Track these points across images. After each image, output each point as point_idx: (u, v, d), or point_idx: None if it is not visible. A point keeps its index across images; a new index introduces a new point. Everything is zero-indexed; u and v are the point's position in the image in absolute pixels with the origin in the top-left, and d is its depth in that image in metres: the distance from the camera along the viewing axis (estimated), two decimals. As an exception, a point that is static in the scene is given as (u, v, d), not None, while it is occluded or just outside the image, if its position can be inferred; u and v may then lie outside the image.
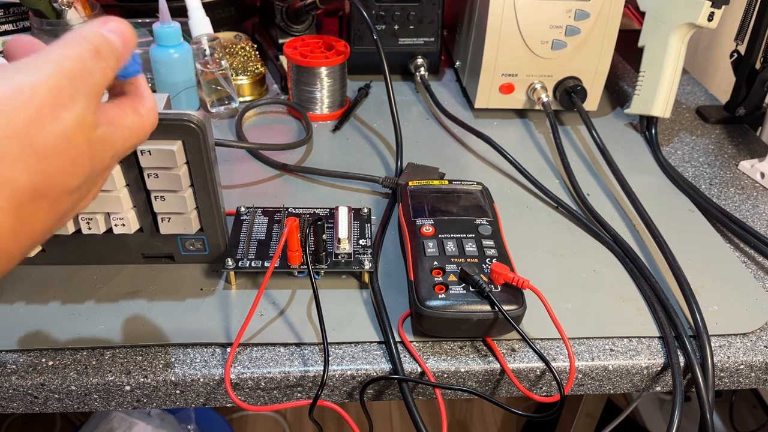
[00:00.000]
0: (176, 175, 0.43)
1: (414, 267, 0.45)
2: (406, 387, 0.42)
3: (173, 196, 0.44)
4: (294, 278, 0.49)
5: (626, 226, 0.57)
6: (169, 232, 0.47)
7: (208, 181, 0.45)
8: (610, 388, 0.46)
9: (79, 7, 0.72)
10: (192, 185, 0.45)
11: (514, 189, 0.61)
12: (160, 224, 0.46)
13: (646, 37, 0.67)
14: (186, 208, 0.45)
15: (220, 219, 0.47)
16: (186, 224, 0.46)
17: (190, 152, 0.43)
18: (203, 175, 0.44)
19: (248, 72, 0.73)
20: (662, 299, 0.48)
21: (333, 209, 0.52)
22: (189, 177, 0.44)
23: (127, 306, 0.46)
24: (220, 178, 0.47)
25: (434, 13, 0.75)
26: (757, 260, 0.54)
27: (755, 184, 0.64)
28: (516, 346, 0.44)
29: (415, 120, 0.72)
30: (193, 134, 0.42)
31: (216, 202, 0.46)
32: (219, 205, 0.47)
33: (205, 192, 0.45)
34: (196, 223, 0.47)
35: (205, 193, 0.45)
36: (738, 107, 0.73)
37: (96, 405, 0.43)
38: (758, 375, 0.46)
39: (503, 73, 0.70)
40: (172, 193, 0.44)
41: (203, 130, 0.42)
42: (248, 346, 0.44)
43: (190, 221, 0.46)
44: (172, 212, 0.46)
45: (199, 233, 0.48)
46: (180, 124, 0.41)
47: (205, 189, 0.45)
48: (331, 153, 0.66)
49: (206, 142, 0.43)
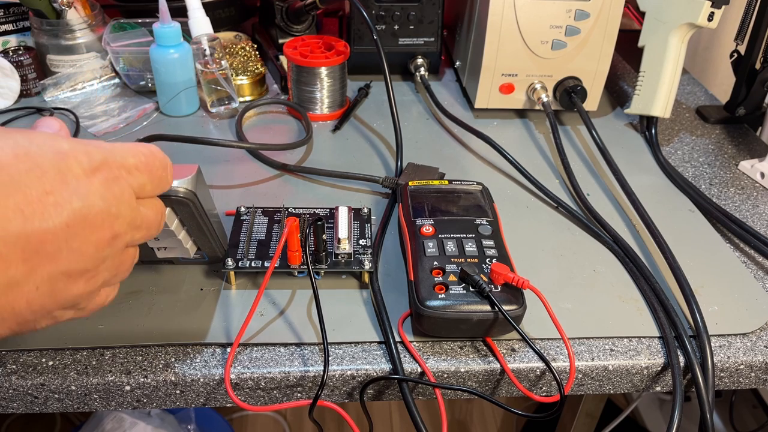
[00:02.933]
0: (169, 230, 0.42)
1: (414, 267, 0.45)
2: (406, 387, 0.42)
3: (168, 239, 0.44)
4: (294, 278, 0.49)
5: (626, 226, 0.57)
6: (166, 257, 0.46)
7: (202, 224, 0.43)
8: (610, 388, 0.46)
9: (79, 7, 0.72)
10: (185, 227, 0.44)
11: (514, 189, 0.61)
12: (156, 251, 0.46)
13: (646, 37, 0.67)
14: (181, 244, 0.44)
15: (217, 241, 0.46)
16: (183, 252, 0.45)
17: (181, 214, 0.42)
18: (197, 224, 0.43)
19: (248, 72, 0.73)
20: (662, 299, 0.48)
21: (333, 209, 0.52)
22: (182, 227, 0.43)
23: (127, 306, 0.46)
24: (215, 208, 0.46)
25: (434, 13, 0.75)
26: (757, 260, 0.54)
27: (755, 184, 0.64)
28: (516, 346, 0.44)
29: (415, 120, 0.72)
30: (182, 204, 0.40)
31: (211, 233, 0.45)
32: (215, 233, 0.46)
33: (199, 231, 0.44)
34: (193, 249, 0.46)
35: (199, 232, 0.44)
36: (738, 107, 0.73)
37: (96, 405, 0.43)
38: (758, 375, 0.46)
39: (503, 73, 0.70)
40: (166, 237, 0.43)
41: (193, 200, 0.40)
42: (248, 346, 0.44)
43: (187, 250, 0.45)
44: (167, 246, 0.45)
45: (197, 251, 0.47)
46: (167, 197, 0.39)
47: (200, 230, 0.44)
48: (331, 153, 0.66)
49: (197, 206, 0.41)
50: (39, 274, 0.26)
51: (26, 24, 0.74)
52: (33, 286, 0.26)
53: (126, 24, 0.74)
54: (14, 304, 0.26)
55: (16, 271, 0.25)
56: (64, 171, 0.27)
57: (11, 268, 0.25)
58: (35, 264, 0.26)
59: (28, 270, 0.26)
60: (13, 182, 0.25)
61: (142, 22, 0.74)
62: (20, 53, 0.71)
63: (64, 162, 0.27)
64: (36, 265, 0.26)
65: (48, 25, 0.70)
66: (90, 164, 0.28)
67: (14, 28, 0.74)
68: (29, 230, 0.25)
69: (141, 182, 0.30)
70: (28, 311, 0.27)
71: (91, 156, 0.28)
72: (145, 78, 0.73)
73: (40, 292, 0.27)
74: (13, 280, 0.25)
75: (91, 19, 0.72)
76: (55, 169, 0.26)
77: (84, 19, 0.72)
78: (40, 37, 0.72)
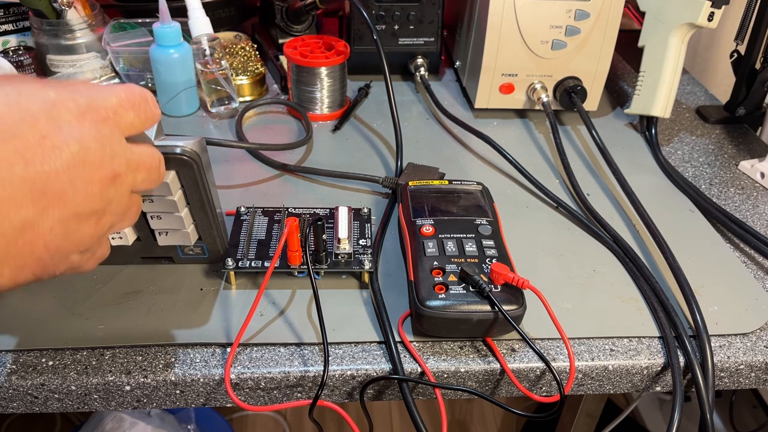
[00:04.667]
0: (172, 200, 0.42)
1: (414, 267, 0.45)
2: (406, 387, 0.42)
3: (170, 216, 0.44)
4: (294, 278, 0.49)
5: (626, 226, 0.57)
6: (166, 243, 0.47)
7: (205, 201, 0.44)
8: (610, 388, 0.46)
9: (79, 7, 0.72)
10: (188, 204, 0.44)
11: (514, 189, 0.61)
12: (157, 237, 0.46)
13: (646, 37, 0.67)
14: (183, 225, 0.45)
15: (218, 229, 0.47)
16: (184, 238, 0.46)
17: (184, 180, 0.42)
18: (199, 197, 0.44)
19: (248, 72, 0.73)
20: (662, 299, 0.48)
21: (333, 209, 0.52)
22: (185, 199, 0.44)
23: (127, 306, 0.46)
24: (217, 194, 0.46)
25: (434, 13, 0.75)
26: (757, 260, 0.54)
27: (755, 184, 0.64)
28: (516, 346, 0.44)
29: (415, 120, 0.72)
30: (186, 165, 0.41)
31: (213, 216, 0.45)
32: (216, 218, 0.46)
33: (201, 210, 0.45)
34: (194, 236, 0.47)
35: (202, 212, 0.45)
36: (738, 107, 0.73)
37: (96, 405, 0.43)
38: (758, 375, 0.46)
39: (503, 73, 0.70)
40: (168, 213, 0.44)
41: (197, 162, 0.41)
42: (248, 346, 0.44)
43: (188, 235, 0.46)
44: (169, 228, 0.45)
45: (198, 242, 0.47)
46: (173, 156, 0.40)
47: (202, 208, 0.44)
48: (331, 153, 0.66)
49: (201, 170, 0.42)
50: (51, 216, 0.28)
51: (26, 24, 0.74)
52: (47, 227, 0.28)
53: (126, 24, 0.74)
54: (32, 247, 0.28)
55: (27, 211, 0.27)
56: (56, 117, 0.28)
57: (22, 208, 0.27)
58: (45, 205, 0.28)
59: (39, 211, 0.27)
60: (9, 130, 0.26)
61: (142, 22, 0.74)
62: (20, 53, 0.71)
63: (54, 109, 0.28)
64: (46, 206, 0.28)
65: (48, 25, 0.70)
66: (78, 109, 0.29)
67: (14, 28, 0.74)
68: (32, 173, 0.27)
69: (127, 120, 0.32)
70: (47, 254, 0.29)
71: (77, 102, 0.29)
72: (145, 78, 0.73)
73: (54, 234, 0.28)
74: (27, 221, 0.27)
75: (91, 19, 0.72)
76: (46, 116, 0.28)
77: (84, 19, 0.72)
78: (40, 37, 0.72)
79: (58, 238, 0.29)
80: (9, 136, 0.26)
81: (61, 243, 0.29)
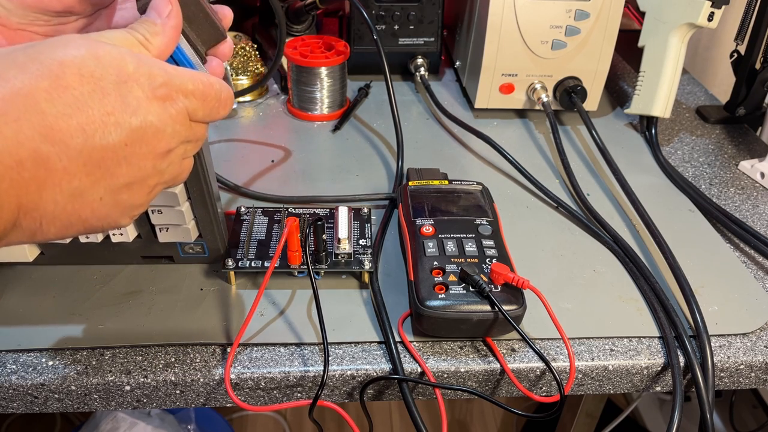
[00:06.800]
0: (173, 193, 0.43)
1: (414, 267, 0.45)
2: (406, 387, 0.42)
3: (170, 210, 0.44)
4: (294, 278, 0.49)
5: (626, 226, 0.57)
6: (167, 240, 0.47)
7: (205, 194, 0.44)
8: (610, 388, 0.46)
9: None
10: (189, 198, 0.45)
11: (514, 189, 0.61)
12: (158, 233, 0.46)
13: (646, 37, 0.67)
14: (184, 220, 0.45)
15: (219, 226, 0.47)
16: (184, 234, 0.46)
17: None
18: (200, 191, 0.44)
19: (248, 72, 0.73)
20: (662, 299, 0.48)
21: (333, 209, 0.52)
22: (186, 192, 0.44)
23: (127, 306, 0.46)
24: (218, 191, 0.47)
25: (434, 13, 0.75)
26: (757, 260, 0.54)
27: (755, 184, 0.64)
28: (516, 346, 0.44)
29: (415, 120, 0.72)
30: None
31: (214, 212, 0.46)
32: (217, 215, 0.46)
33: (202, 204, 0.45)
34: (195, 232, 0.47)
35: (202, 207, 0.45)
36: (738, 107, 0.73)
37: (96, 405, 0.43)
38: (758, 375, 0.46)
39: (503, 73, 0.70)
40: (169, 207, 0.44)
41: (199, 155, 0.41)
42: (248, 346, 0.44)
43: (189, 231, 0.46)
44: (169, 224, 0.45)
45: (198, 239, 0.47)
46: None
47: (203, 201, 0.45)
48: (331, 153, 0.66)
49: (202, 160, 0.42)
50: (102, 186, 0.29)
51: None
52: (97, 196, 0.29)
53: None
54: (80, 212, 0.29)
55: (80, 182, 0.28)
56: (125, 93, 0.28)
57: (75, 179, 0.27)
58: (98, 177, 0.28)
59: (91, 182, 0.28)
60: (77, 103, 0.27)
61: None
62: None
63: (125, 85, 0.28)
64: (98, 178, 0.28)
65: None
66: (150, 86, 0.29)
67: (14, 28, 0.74)
68: (90, 146, 0.27)
69: (194, 106, 0.32)
70: (94, 218, 0.30)
71: (153, 78, 0.29)
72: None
73: (103, 203, 0.29)
74: (77, 191, 0.28)
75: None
76: (117, 92, 0.28)
77: (84, 19, 0.72)
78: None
79: (107, 206, 0.30)
80: (75, 110, 0.27)
81: (109, 210, 0.30)
